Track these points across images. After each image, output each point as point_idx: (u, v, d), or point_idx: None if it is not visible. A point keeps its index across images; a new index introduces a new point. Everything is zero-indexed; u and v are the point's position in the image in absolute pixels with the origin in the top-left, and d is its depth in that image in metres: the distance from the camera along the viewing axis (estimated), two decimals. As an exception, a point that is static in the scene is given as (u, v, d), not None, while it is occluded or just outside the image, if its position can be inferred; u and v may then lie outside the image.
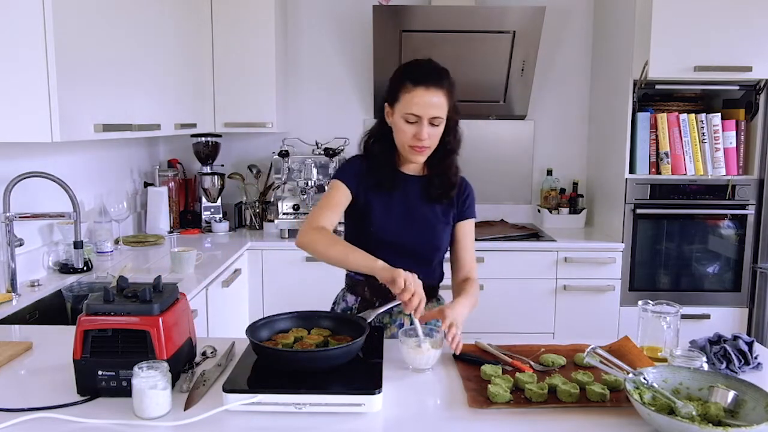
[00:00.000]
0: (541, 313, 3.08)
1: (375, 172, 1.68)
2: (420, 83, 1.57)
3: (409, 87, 1.58)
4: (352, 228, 1.74)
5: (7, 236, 2.03)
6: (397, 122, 1.62)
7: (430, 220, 1.71)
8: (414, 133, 1.59)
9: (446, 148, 1.68)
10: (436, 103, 1.58)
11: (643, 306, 1.50)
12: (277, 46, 3.21)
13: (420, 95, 1.56)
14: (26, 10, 1.69)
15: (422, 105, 1.56)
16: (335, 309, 1.83)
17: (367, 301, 1.73)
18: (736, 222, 3.05)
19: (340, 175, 1.70)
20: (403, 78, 1.60)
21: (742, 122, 3.01)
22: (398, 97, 1.60)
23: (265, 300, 3.08)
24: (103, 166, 2.83)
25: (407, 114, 1.58)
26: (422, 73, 1.59)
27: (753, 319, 3.09)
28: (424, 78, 1.58)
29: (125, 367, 1.21)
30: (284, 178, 3.26)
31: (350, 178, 1.68)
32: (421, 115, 1.57)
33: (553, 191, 3.50)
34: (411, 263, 1.58)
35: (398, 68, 1.66)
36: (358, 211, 1.70)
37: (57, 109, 1.74)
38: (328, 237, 1.59)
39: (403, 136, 1.61)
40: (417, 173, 1.73)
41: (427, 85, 1.57)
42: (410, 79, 1.58)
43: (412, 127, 1.59)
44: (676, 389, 1.23)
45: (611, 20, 3.26)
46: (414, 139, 1.60)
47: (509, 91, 3.41)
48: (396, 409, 1.23)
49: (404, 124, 1.60)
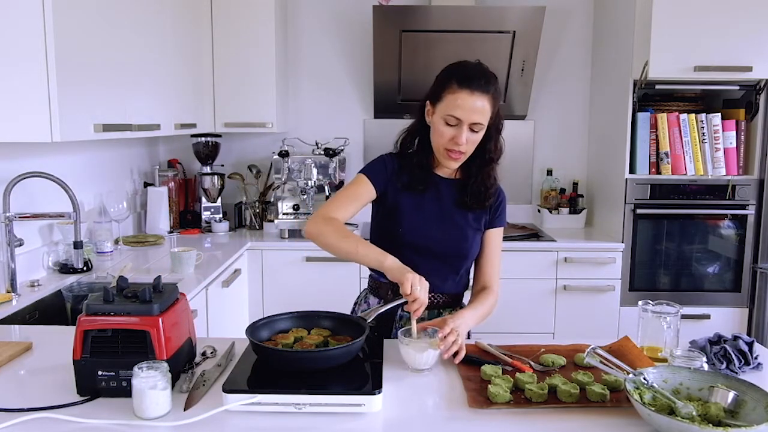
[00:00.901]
0: (541, 313, 3.08)
1: (408, 172, 1.63)
2: (466, 85, 1.51)
3: (454, 88, 1.52)
4: (378, 227, 1.69)
5: (7, 236, 2.03)
6: (436, 123, 1.56)
7: (462, 225, 1.66)
8: (452, 136, 1.53)
9: (485, 156, 1.63)
10: (480, 108, 1.52)
11: (643, 306, 1.50)
12: (277, 46, 3.21)
13: (464, 98, 1.50)
14: (26, 11, 1.69)
15: (465, 108, 1.50)
16: (356, 311, 1.79)
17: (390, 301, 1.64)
18: (736, 222, 3.05)
19: (367, 170, 1.64)
20: (450, 77, 1.54)
21: (742, 122, 3.01)
22: (441, 96, 1.54)
23: (265, 300, 3.07)
24: (103, 166, 2.83)
25: (448, 116, 1.52)
26: (470, 75, 1.53)
27: (753, 319, 3.09)
28: (470, 80, 1.52)
29: (125, 367, 1.21)
30: (284, 178, 3.26)
31: (377, 174, 1.63)
32: (462, 119, 1.51)
33: (553, 191, 3.50)
34: (438, 268, 1.56)
35: (446, 67, 1.60)
36: (386, 210, 1.65)
37: (57, 109, 1.73)
38: (339, 229, 1.53)
39: (441, 138, 1.56)
40: (451, 176, 1.69)
41: (473, 89, 1.51)
42: (456, 80, 1.52)
43: (451, 130, 1.53)
44: (676, 389, 1.23)
45: (611, 20, 3.26)
46: (451, 143, 1.54)
47: (509, 91, 3.41)
48: (396, 409, 1.23)
49: (443, 126, 1.54)
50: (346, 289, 3.02)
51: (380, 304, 1.68)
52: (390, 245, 1.56)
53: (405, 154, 1.66)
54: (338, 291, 3.02)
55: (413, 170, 1.63)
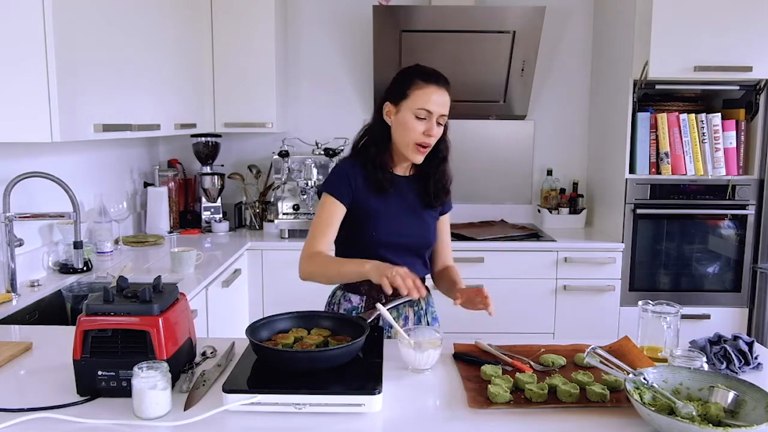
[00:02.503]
0: (541, 313, 3.08)
1: (371, 175, 1.68)
2: (432, 81, 1.63)
3: (420, 84, 1.62)
4: (348, 232, 1.71)
5: (7, 236, 2.03)
6: (405, 119, 1.63)
7: (425, 218, 1.77)
8: (424, 129, 1.62)
9: (439, 156, 1.73)
10: (444, 102, 1.64)
11: (643, 306, 1.50)
12: (277, 46, 3.21)
13: (432, 91, 1.62)
14: (26, 10, 1.69)
15: (434, 102, 1.61)
16: (334, 310, 1.81)
17: (372, 298, 1.71)
18: (736, 222, 3.05)
19: (329, 188, 1.69)
20: (413, 76, 1.64)
21: (742, 122, 3.01)
22: (407, 94, 1.63)
23: (265, 300, 3.07)
24: (103, 166, 2.83)
25: (419, 110, 1.61)
26: (432, 73, 1.65)
27: (753, 319, 3.09)
28: (434, 78, 1.64)
29: (125, 367, 1.21)
30: (284, 178, 3.26)
31: (341, 189, 1.68)
32: (432, 111, 1.61)
33: (553, 191, 3.50)
34: (408, 259, 1.68)
35: (403, 69, 1.70)
36: (355, 217, 1.70)
37: (57, 109, 1.74)
38: (321, 262, 1.64)
39: (412, 133, 1.63)
40: (406, 173, 1.77)
41: (438, 84, 1.63)
42: (421, 78, 1.63)
43: (422, 124, 1.62)
44: (676, 389, 1.23)
45: (611, 20, 3.26)
46: (423, 136, 1.62)
47: (509, 91, 3.41)
48: (396, 409, 1.23)
49: (414, 121, 1.62)
50: (346, 289, 3.03)
51: (363, 300, 1.74)
52: (363, 248, 1.67)
53: (367, 157, 1.70)
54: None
55: (376, 173, 1.68)
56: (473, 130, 3.51)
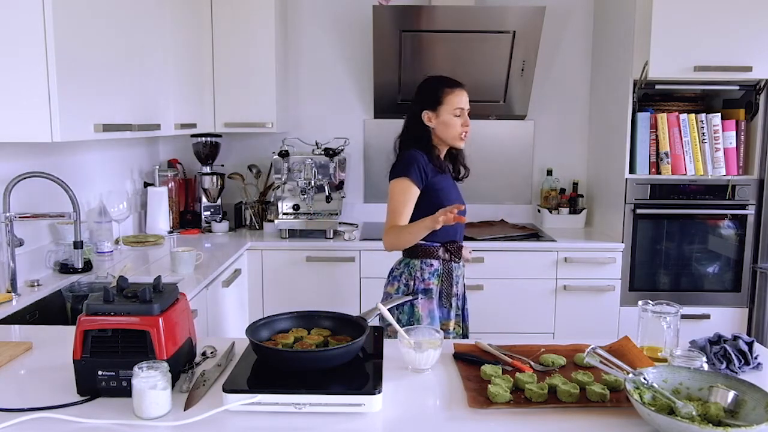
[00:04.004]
0: (541, 313, 3.08)
1: (435, 160, 2.10)
2: (455, 86, 2.11)
3: (448, 91, 2.09)
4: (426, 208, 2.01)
5: (7, 236, 2.03)
6: (446, 120, 2.08)
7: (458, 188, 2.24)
8: (462, 122, 2.10)
9: None
10: (467, 99, 2.12)
11: (643, 306, 1.50)
12: (277, 46, 3.21)
13: (459, 93, 2.10)
14: (26, 10, 1.69)
15: (463, 101, 2.10)
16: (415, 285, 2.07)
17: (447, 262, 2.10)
18: (736, 222, 3.05)
19: (409, 174, 2.03)
20: (441, 86, 2.10)
21: (742, 122, 3.01)
22: (441, 100, 2.08)
23: (265, 300, 3.07)
24: (103, 166, 2.83)
25: (456, 109, 2.08)
26: (452, 80, 2.13)
27: (753, 319, 3.09)
28: (455, 83, 2.13)
29: (125, 367, 1.21)
30: (284, 178, 3.26)
31: (417, 173, 2.04)
32: (464, 107, 2.10)
33: (553, 191, 3.50)
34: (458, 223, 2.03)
35: (427, 82, 2.14)
36: (429, 195, 2.06)
37: (57, 109, 1.73)
38: (400, 231, 2.01)
39: (455, 129, 2.09)
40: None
41: (461, 87, 2.12)
42: (447, 85, 2.10)
43: (459, 119, 2.09)
44: (676, 389, 1.23)
45: (611, 20, 3.27)
46: (464, 127, 2.10)
47: (509, 91, 3.41)
48: (396, 409, 1.23)
49: (453, 119, 2.09)
50: (346, 289, 3.03)
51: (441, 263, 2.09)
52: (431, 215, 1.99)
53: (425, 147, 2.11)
54: (338, 291, 3.03)
55: (438, 158, 2.13)
56: (473, 130, 3.41)
